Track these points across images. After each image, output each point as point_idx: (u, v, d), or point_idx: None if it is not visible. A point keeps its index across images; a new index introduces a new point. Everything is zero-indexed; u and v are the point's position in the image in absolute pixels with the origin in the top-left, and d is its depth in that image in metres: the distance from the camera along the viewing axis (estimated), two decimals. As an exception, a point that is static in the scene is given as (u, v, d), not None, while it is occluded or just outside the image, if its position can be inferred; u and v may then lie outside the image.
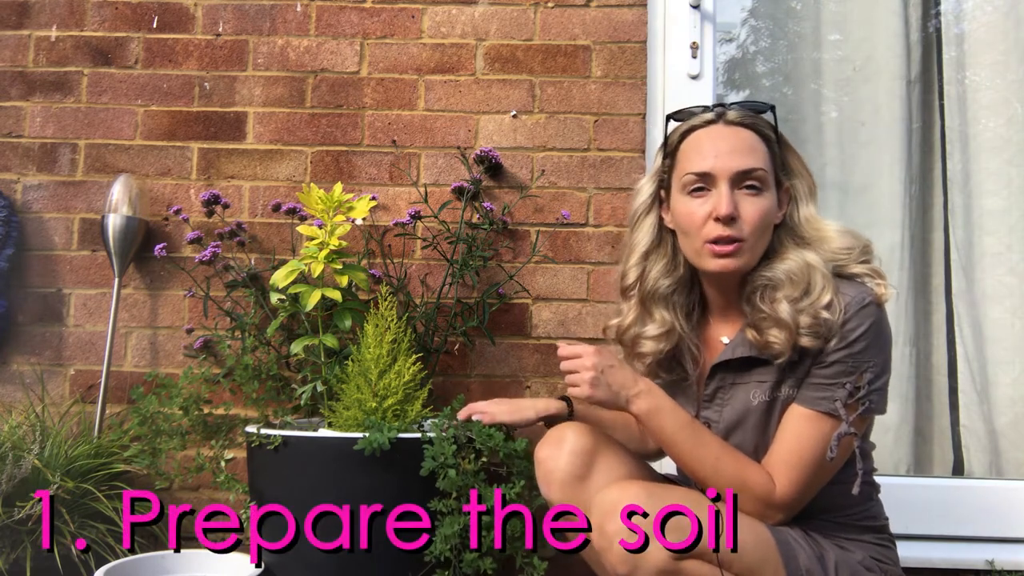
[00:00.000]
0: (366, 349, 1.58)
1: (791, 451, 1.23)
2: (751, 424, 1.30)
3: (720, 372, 1.33)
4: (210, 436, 1.73)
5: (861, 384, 1.21)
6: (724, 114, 1.31)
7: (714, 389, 1.34)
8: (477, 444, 1.46)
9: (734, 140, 1.29)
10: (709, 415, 1.35)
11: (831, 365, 1.22)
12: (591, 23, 2.02)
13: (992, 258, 2.08)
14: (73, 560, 1.58)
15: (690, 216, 1.29)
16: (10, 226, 1.96)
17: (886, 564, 1.30)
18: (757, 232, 1.26)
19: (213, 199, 1.89)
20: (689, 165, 1.30)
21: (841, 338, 1.21)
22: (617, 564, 1.15)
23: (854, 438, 1.21)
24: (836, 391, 1.21)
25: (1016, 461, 2.03)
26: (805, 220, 1.31)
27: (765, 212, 1.27)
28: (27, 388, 1.96)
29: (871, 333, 1.21)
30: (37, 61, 2.06)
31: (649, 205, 1.40)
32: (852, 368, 1.21)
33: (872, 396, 1.22)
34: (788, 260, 1.26)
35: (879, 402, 1.24)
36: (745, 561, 1.17)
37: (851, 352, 1.21)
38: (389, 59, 2.03)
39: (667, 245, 1.39)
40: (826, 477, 1.25)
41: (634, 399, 1.27)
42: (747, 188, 1.27)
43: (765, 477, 1.24)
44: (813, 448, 1.22)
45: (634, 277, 1.39)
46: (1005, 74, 2.13)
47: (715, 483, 1.24)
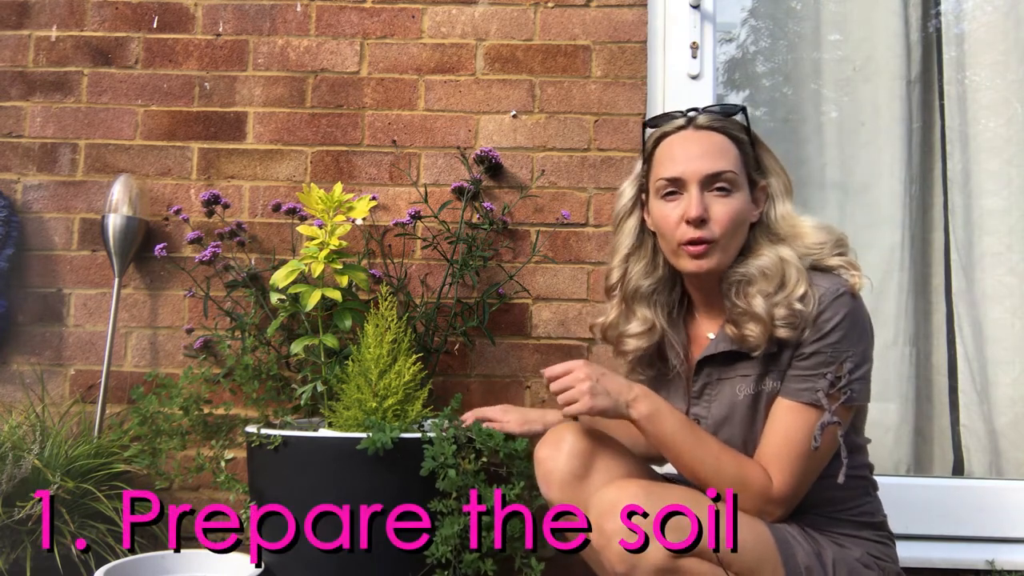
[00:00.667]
0: (366, 349, 1.58)
1: (781, 444, 1.25)
2: (738, 418, 1.31)
3: (706, 368, 1.36)
4: (210, 436, 1.73)
5: (842, 374, 1.23)
6: (695, 119, 1.35)
7: (701, 385, 1.37)
8: (477, 444, 1.46)
9: (704, 144, 1.33)
10: (698, 411, 1.37)
11: (810, 356, 1.24)
12: (591, 23, 2.02)
13: (992, 258, 2.08)
14: (73, 560, 1.58)
15: (665, 219, 1.34)
16: (10, 226, 1.96)
17: (885, 561, 1.30)
18: (729, 232, 1.30)
19: (213, 199, 1.89)
20: (662, 170, 1.35)
21: (817, 329, 1.24)
22: (616, 563, 1.15)
23: (838, 427, 1.23)
24: (817, 381, 1.24)
25: (1016, 461, 2.03)
26: (781, 217, 1.34)
27: (735, 212, 1.30)
28: (27, 388, 1.96)
29: (846, 322, 1.23)
30: (37, 61, 2.06)
31: (631, 208, 1.45)
32: (831, 358, 1.23)
33: (853, 385, 1.24)
34: (762, 256, 1.30)
35: (861, 391, 1.26)
36: (744, 560, 1.18)
37: (828, 342, 1.23)
38: (389, 59, 2.03)
39: (648, 246, 1.43)
40: (818, 468, 1.26)
41: (633, 404, 1.28)
42: (717, 190, 1.31)
43: (763, 473, 1.25)
44: (803, 440, 1.23)
45: (617, 277, 1.44)
46: (1005, 74, 2.13)
47: (716, 482, 1.24)
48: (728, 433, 1.32)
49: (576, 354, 1.94)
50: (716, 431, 1.33)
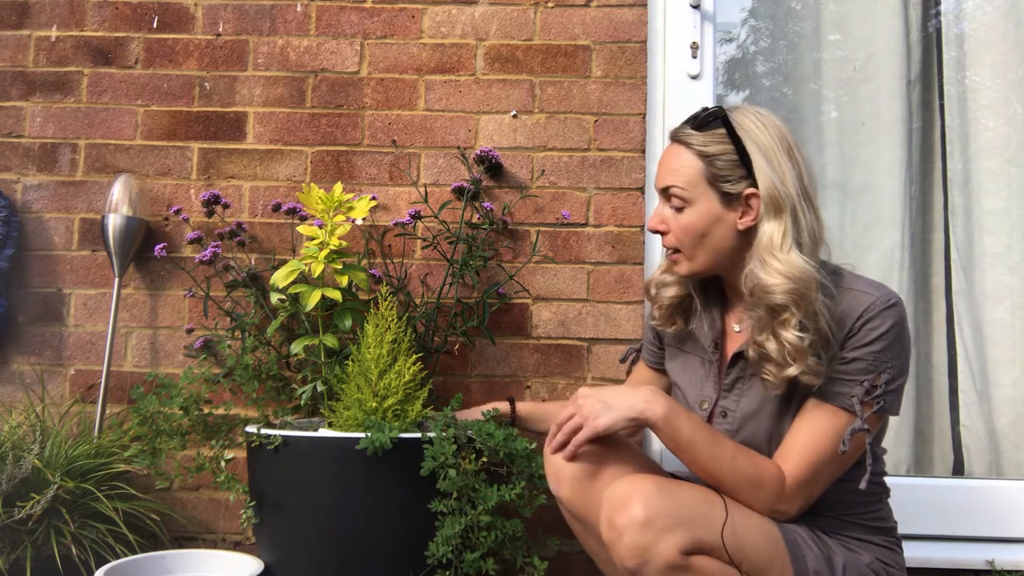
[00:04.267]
0: (366, 349, 1.58)
1: (807, 443, 1.24)
2: (767, 413, 1.31)
3: (741, 361, 1.36)
4: (210, 436, 1.73)
5: (879, 383, 1.23)
6: (675, 130, 1.38)
7: (734, 379, 1.36)
8: (477, 444, 1.46)
9: (669, 158, 1.37)
10: (727, 404, 1.36)
11: (852, 362, 1.24)
12: (591, 23, 2.02)
13: (992, 258, 2.08)
14: (73, 560, 1.58)
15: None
16: (10, 226, 1.96)
17: (893, 568, 1.30)
18: (687, 243, 1.34)
19: (213, 199, 1.89)
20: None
21: (864, 336, 1.23)
22: (626, 557, 1.15)
23: (867, 435, 1.23)
24: (854, 387, 1.23)
25: (1016, 461, 2.03)
26: (767, 232, 1.34)
27: (687, 226, 1.33)
28: (27, 388, 1.96)
29: (892, 333, 1.23)
30: (37, 61, 2.06)
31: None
32: (872, 367, 1.23)
33: (888, 396, 1.23)
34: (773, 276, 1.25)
35: (894, 403, 1.26)
36: (754, 560, 1.17)
37: (872, 350, 1.23)
38: (389, 59, 2.03)
39: None
40: (838, 473, 1.26)
41: (647, 409, 1.26)
42: (673, 205, 1.35)
43: (778, 471, 1.24)
44: (828, 442, 1.23)
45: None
46: (1005, 74, 2.13)
47: (732, 481, 1.24)
48: (754, 427, 1.32)
49: (576, 354, 1.94)
50: (742, 425, 1.33)
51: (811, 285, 1.22)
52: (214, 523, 1.93)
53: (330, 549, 1.47)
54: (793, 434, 1.27)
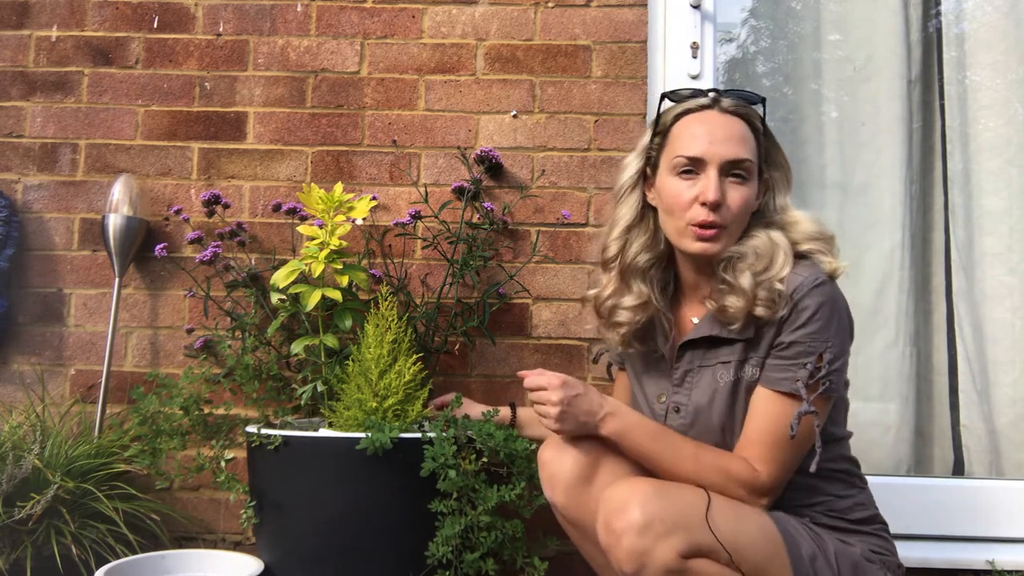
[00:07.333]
0: (366, 349, 1.58)
1: (763, 432, 1.26)
2: (718, 405, 1.32)
3: (687, 354, 1.37)
4: (210, 436, 1.73)
5: (821, 364, 1.24)
6: (719, 101, 1.35)
7: (683, 372, 1.37)
8: (477, 444, 1.46)
9: (728, 128, 1.33)
10: (679, 399, 1.37)
11: (790, 346, 1.25)
12: (591, 23, 2.02)
13: (992, 258, 2.08)
14: (73, 560, 1.58)
15: (677, 197, 1.33)
16: (10, 226, 1.96)
17: (885, 555, 1.30)
18: (739, 219, 1.32)
19: (213, 199, 1.89)
20: (681, 147, 1.34)
21: (797, 318, 1.25)
22: (624, 562, 1.14)
23: (814, 417, 1.24)
24: (798, 371, 1.24)
25: (1016, 461, 2.03)
26: (780, 208, 1.37)
27: (748, 200, 1.32)
28: (27, 388, 1.96)
29: (826, 310, 1.25)
30: (38, 61, 2.06)
31: (635, 181, 1.44)
32: (810, 348, 1.24)
33: (832, 376, 1.25)
34: (755, 238, 1.32)
35: (838, 383, 1.27)
36: (753, 559, 1.17)
37: (807, 331, 1.24)
38: (389, 59, 2.03)
39: (649, 221, 1.43)
40: (799, 457, 1.27)
41: (602, 423, 1.29)
42: (734, 176, 1.32)
43: (745, 464, 1.26)
44: (784, 428, 1.24)
45: (615, 250, 1.43)
46: (1005, 74, 2.13)
47: (699, 481, 1.24)
48: (707, 420, 1.33)
49: (576, 354, 1.94)
50: (696, 418, 1.34)
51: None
52: (214, 523, 1.93)
53: (330, 549, 1.47)
54: (749, 424, 1.29)
